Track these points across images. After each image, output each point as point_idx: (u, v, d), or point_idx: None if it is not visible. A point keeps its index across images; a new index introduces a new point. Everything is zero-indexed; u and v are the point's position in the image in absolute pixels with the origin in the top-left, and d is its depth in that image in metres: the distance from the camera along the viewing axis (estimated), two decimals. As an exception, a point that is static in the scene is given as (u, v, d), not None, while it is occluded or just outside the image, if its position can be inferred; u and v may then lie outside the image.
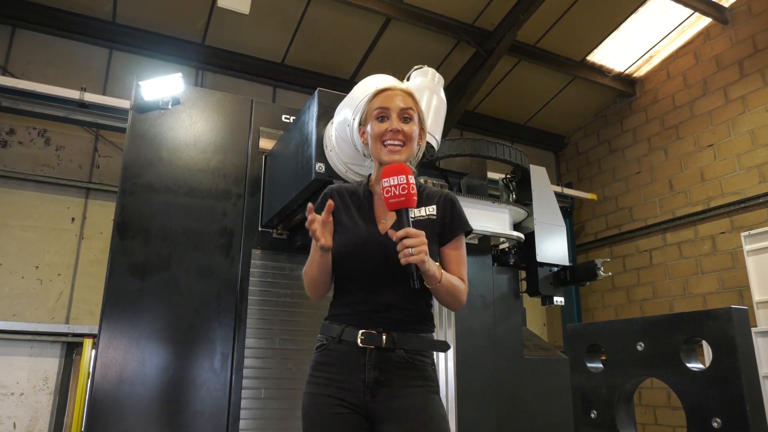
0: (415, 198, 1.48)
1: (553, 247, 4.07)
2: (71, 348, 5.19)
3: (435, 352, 1.69)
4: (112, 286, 2.83)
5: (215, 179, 3.21)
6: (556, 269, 4.15)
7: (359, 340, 1.56)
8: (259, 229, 3.21)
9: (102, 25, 6.03)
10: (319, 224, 1.51)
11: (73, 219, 5.64)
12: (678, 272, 6.98)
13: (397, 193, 1.46)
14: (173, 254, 2.98)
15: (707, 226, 6.70)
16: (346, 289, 1.66)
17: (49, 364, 5.10)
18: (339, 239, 1.63)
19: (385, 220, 1.66)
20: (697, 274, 6.73)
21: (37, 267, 5.38)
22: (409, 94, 1.69)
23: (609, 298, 7.89)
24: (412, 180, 1.48)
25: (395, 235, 1.44)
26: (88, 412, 2.67)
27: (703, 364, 2.05)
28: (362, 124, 1.73)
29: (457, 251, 1.67)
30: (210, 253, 3.07)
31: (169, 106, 3.21)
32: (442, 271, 1.55)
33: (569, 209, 8.44)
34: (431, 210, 1.65)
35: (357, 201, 1.71)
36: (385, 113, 1.65)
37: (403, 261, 1.42)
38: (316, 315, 3.16)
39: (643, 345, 2.21)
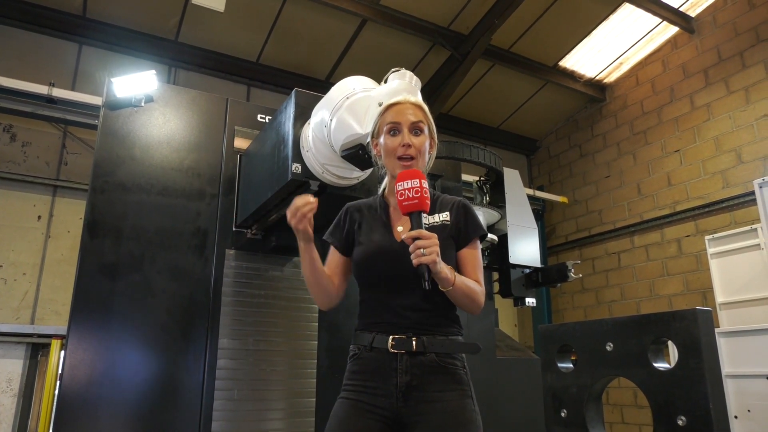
0: (428, 202, 1.52)
1: (525, 249, 4.14)
2: (36, 349, 5.05)
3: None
4: (82, 287, 2.78)
5: (189, 178, 3.17)
6: (528, 271, 4.22)
7: (390, 346, 1.58)
8: (234, 229, 3.18)
9: (72, 19, 5.89)
10: (300, 214, 1.53)
11: (39, 217, 5.49)
12: (645, 274, 7.15)
13: (410, 195, 1.50)
14: (145, 254, 2.94)
15: (673, 230, 6.88)
16: (371, 298, 1.69)
17: (13, 366, 4.96)
18: (358, 250, 1.70)
19: (401, 228, 1.69)
20: (663, 276, 6.91)
21: (1, 266, 5.23)
22: (419, 107, 1.74)
23: (578, 299, 8.04)
24: (425, 184, 1.51)
25: (408, 235, 1.47)
26: (57, 414, 2.61)
27: (669, 363, 2.12)
28: (375, 136, 1.78)
29: (472, 254, 1.70)
30: (183, 254, 3.03)
31: (142, 104, 3.15)
32: (456, 274, 1.56)
33: (541, 212, 8.57)
34: (445, 216, 1.70)
35: (374, 213, 1.76)
36: (396, 127, 1.70)
37: (414, 261, 1.44)
38: (290, 316, 3.15)
39: (612, 345, 2.27)
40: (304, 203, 1.52)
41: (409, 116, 1.70)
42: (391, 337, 1.59)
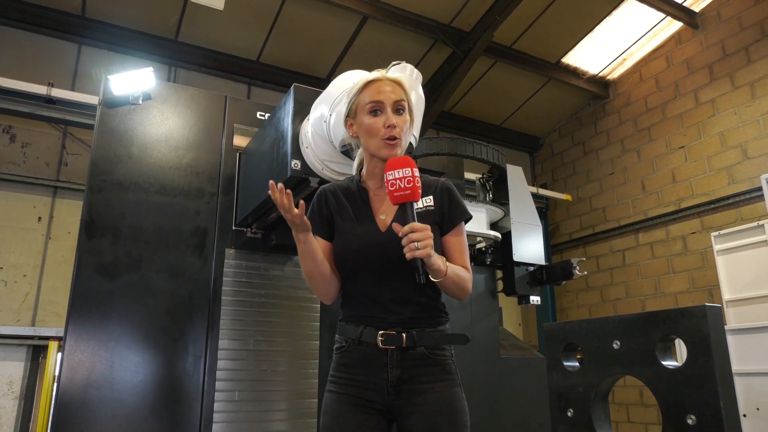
0: (420, 191, 1.46)
1: (529, 247, 4.08)
2: (37, 351, 5.03)
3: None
4: (79, 287, 2.74)
5: (188, 177, 3.13)
6: (532, 269, 4.16)
7: (379, 342, 1.54)
8: (233, 228, 3.14)
9: (71, 19, 5.86)
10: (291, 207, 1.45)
11: (39, 218, 5.47)
12: (650, 272, 7.09)
13: (402, 186, 1.43)
14: (144, 254, 2.90)
15: (678, 227, 6.82)
16: (356, 290, 1.62)
17: (14, 368, 4.94)
18: (339, 241, 1.62)
19: (383, 216, 1.62)
20: (669, 273, 6.85)
21: (1, 268, 5.21)
22: (399, 84, 1.65)
23: (583, 297, 7.98)
24: (416, 173, 1.45)
25: (400, 229, 1.41)
26: (54, 417, 2.57)
27: (678, 361, 2.06)
28: (350, 116, 1.68)
29: (458, 240, 1.65)
30: (182, 253, 2.99)
31: (140, 102, 3.12)
32: (447, 263, 1.52)
33: (544, 210, 8.52)
34: (428, 201, 1.63)
35: (352, 199, 1.67)
36: (378, 107, 1.60)
37: (408, 255, 1.39)
38: (291, 316, 3.12)
39: (619, 343, 2.21)
40: (281, 195, 1.44)
41: (391, 95, 1.61)
42: (380, 332, 1.55)
